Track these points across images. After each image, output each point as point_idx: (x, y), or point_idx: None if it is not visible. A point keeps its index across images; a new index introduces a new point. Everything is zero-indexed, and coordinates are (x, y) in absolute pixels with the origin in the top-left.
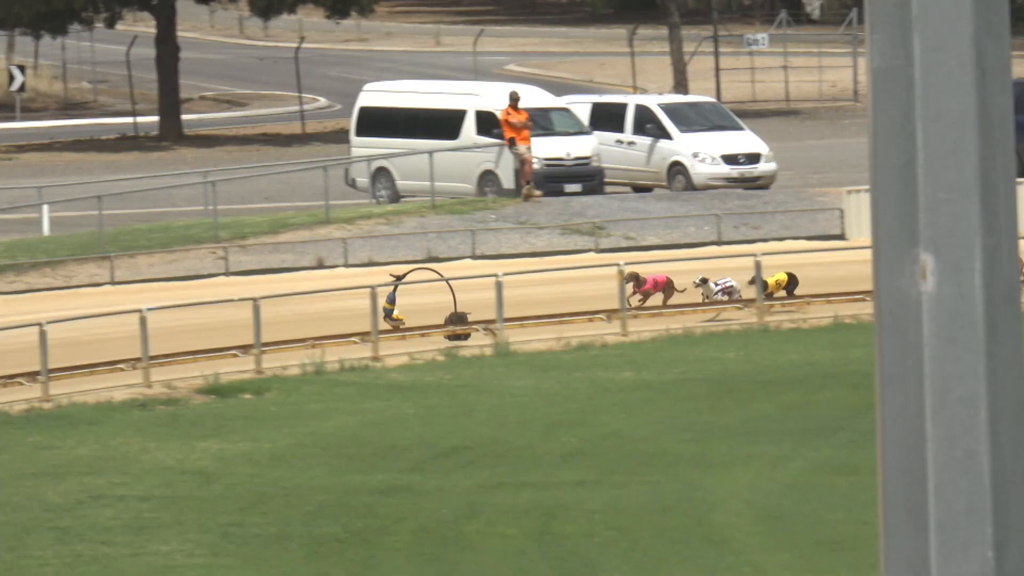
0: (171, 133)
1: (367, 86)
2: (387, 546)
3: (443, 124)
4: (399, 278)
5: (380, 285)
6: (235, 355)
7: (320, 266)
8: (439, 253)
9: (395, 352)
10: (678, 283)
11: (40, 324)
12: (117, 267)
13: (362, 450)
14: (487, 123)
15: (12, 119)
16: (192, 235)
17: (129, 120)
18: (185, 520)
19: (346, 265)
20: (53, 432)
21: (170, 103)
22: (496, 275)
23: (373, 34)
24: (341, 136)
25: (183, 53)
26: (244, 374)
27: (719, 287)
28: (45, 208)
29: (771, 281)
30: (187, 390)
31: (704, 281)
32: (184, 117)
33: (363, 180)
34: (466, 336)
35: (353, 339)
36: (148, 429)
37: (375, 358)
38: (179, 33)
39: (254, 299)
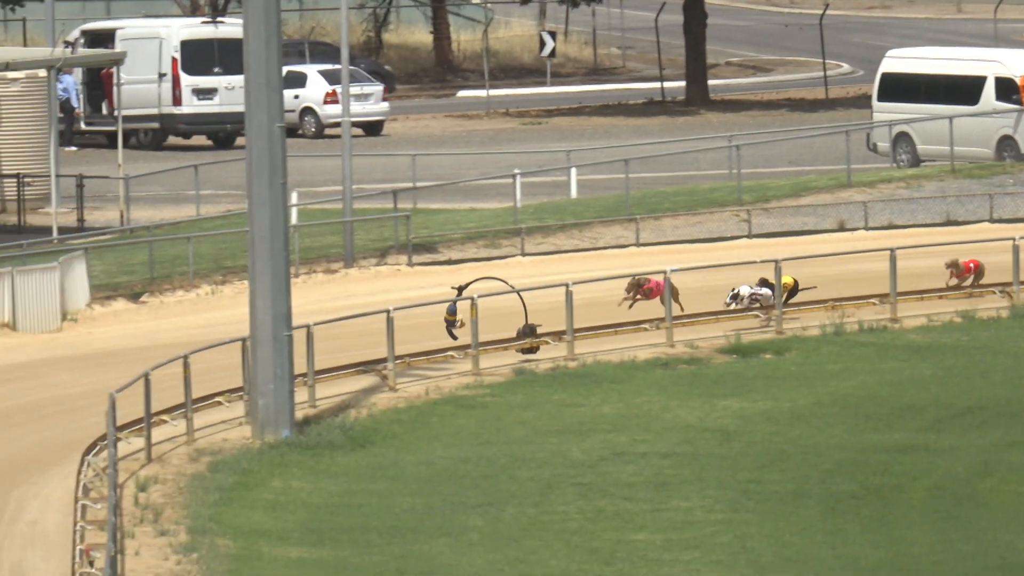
0: (697, 98)
1: (890, 52)
2: (902, 503)
3: (963, 90)
4: (460, 289)
5: (900, 248)
6: (757, 316)
7: (841, 229)
8: (957, 217)
9: (913, 314)
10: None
11: (566, 284)
12: (642, 229)
13: (879, 409)
14: (1007, 89)
15: (542, 84)
16: (716, 198)
17: (656, 85)
18: (705, 477)
19: (866, 228)
20: (578, 390)
21: (697, 68)
22: (1013, 239)
23: (896, 1)
24: (863, 101)
25: (710, 19)
26: (765, 334)
27: (750, 293)
28: (573, 171)
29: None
30: (709, 350)
31: (735, 298)
32: (710, 82)
33: (884, 144)
34: (536, 349)
35: (872, 300)
36: (670, 388)
37: (893, 319)
38: None
39: (776, 260)
